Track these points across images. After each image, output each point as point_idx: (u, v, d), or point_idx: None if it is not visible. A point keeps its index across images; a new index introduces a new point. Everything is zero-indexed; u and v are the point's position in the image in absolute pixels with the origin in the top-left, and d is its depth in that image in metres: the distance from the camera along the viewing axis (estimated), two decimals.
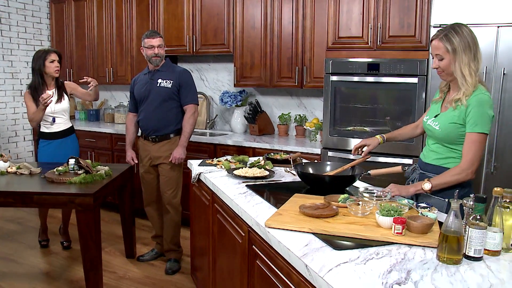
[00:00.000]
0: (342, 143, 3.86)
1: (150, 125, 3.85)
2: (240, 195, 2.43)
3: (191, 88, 3.89)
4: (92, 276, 3.18)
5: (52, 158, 4.01)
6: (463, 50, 2.17)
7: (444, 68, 2.24)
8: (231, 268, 2.47)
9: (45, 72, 3.96)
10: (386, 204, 1.90)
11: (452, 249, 1.54)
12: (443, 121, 2.29)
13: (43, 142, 4.10)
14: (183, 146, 3.83)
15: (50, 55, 3.95)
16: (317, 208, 2.01)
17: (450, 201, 1.58)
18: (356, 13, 3.76)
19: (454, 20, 3.23)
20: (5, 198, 3.16)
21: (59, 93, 4.07)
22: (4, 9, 5.84)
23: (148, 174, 3.97)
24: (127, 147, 4.10)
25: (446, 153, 2.32)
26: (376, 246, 1.69)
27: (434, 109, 2.43)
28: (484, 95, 2.18)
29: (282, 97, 4.95)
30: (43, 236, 4.45)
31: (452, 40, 2.18)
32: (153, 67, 3.85)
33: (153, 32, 3.85)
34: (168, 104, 3.82)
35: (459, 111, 2.21)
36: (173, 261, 3.94)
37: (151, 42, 3.77)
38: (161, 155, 3.85)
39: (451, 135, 2.25)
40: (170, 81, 3.80)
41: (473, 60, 2.18)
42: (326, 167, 2.74)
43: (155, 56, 3.78)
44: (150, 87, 3.83)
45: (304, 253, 1.62)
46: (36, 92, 3.94)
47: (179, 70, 3.90)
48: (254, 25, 4.54)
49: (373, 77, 3.65)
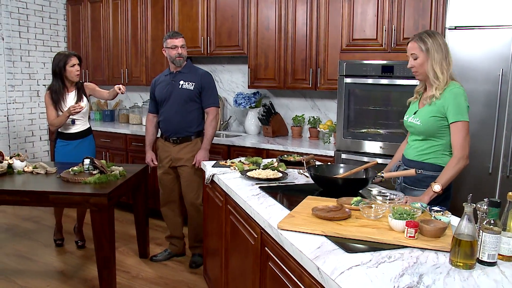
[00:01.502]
0: (355, 145, 3.84)
1: (171, 126, 3.86)
2: (253, 197, 2.43)
3: (213, 90, 3.91)
4: (105, 275, 3.22)
5: (69, 159, 4.06)
6: (435, 50, 2.40)
7: (418, 66, 2.47)
8: (243, 269, 2.48)
9: (65, 76, 4.01)
10: (399, 207, 1.89)
11: (465, 253, 1.53)
12: (423, 116, 2.48)
13: (61, 142, 4.15)
14: (206, 149, 3.85)
15: (71, 59, 3.99)
16: (330, 211, 2.01)
17: (464, 205, 1.57)
18: (371, 14, 3.75)
19: (470, 22, 3.26)
20: (21, 197, 3.21)
21: (79, 94, 4.12)
22: (23, 11, 5.93)
23: (166, 175, 3.98)
24: (147, 148, 4.12)
25: (427, 148, 2.51)
26: (388, 250, 1.69)
27: (412, 108, 2.64)
28: (459, 89, 2.39)
29: (296, 99, 4.95)
30: (58, 235, 4.50)
31: (425, 41, 2.42)
32: (174, 68, 3.86)
33: (175, 32, 3.86)
34: (189, 106, 3.83)
35: (436, 106, 2.42)
36: (198, 255, 4.00)
37: (174, 42, 3.77)
38: (182, 157, 3.86)
39: (432, 128, 2.44)
40: (193, 83, 3.81)
41: (445, 59, 2.41)
42: (339, 170, 2.73)
43: (179, 57, 3.79)
44: (171, 88, 3.84)
45: (316, 256, 1.62)
46: (56, 96, 4.00)
47: (201, 72, 3.91)
48: (268, 26, 4.55)
49: (387, 80, 3.63)
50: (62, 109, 4.01)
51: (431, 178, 2.47)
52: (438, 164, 2.49)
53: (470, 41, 3.27)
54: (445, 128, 2.44)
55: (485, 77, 3.23)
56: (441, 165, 2.49)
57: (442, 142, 2.47)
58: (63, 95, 4.02)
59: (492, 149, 3.24)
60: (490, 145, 3.24)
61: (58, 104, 3.99)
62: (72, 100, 4.08)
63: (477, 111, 3.23)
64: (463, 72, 3.21)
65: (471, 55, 3.27)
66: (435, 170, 2.49)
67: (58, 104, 4.00)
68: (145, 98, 6.15)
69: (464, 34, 3.29)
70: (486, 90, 3.24)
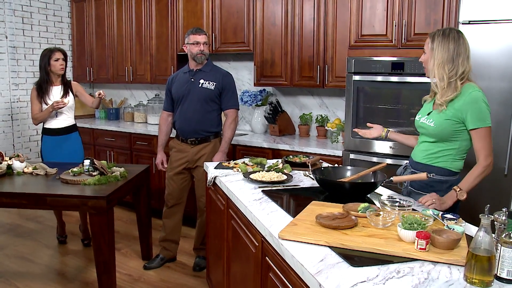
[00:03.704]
0: (364, 145, 3.71)
1: (189, 126, 3.73)
2: (255, 202, 2.32)
3: (234, 92, 3.80)
4: (105, 280, 3.13)
5: (55, 156, 4.10)
6: (440, 51, 2.27)
7: (424, 63, 2.41)
8: (244, 276, 2.36)
9: (50, 70, 4.09)
10: (409, 215, 1.76)
11: (482, 269, 1.39)
12: (438, 118, 2.33)
13: (46, 137, 4.19)
14: (224, 152, 3.73)
15: (55, 54, 4.08)
16: (335, 219, 1.89)
17: (480, 216, 1.44)
18: (380, 9, 3.60)
19: (484, 16, 3.10)
20: (19, 200, 3.14)
21: (65, 89, 4.18)
22: (27, 9, 5.85)
23: (178, 176, 3.83)
24: (159, 148, 4.01)
25: (438, 152, 2.38)
26: (397, 263, 1.56)
27: (426, 108, 2.50)
28: (478, 92, 2.25)
29: (303, 97, 4.81)
30: (60, 232, 4.48)
31: (434, 38, 2.32)
32: (195, 66, 3.73)
33: (198, 28, 3.73)
34: (209, 106, 3.72)
35: (454, 109, 2.27)
36: (202, 258, 3.90)
37: (196, 39, 3.65)
38: (200, 158, 3.73)
39: (446, 131, 2.30)
40: (213, 83, 3.69)
41: (449, 63, 2.25)
42: (346, 172, 2.60)
43: (201, 54, 3.66)
44: (190, 86, 3.71)
45: (318, 270, 1.50)
46: (41, 89, 4.09)
47: (222, 72, 3.79)
48: (275, 22, 4.42)
49: (398, 77, 3.48)
50: (47, 102, 4.07)
51: (439, 183, 2.36)
52: (448, 169, 2.37)
53: (484, 36, 3.11)
54: (459, 133, 2.30)
55: (501, 74, 3.08)
56: (451, 170, 2.36)
57: (455, 147, 2.34)
58: (48, 88, 4.10)
59: (508, 149, 3.09)
60: (506, 146, 3.09)
61: (43, 97, 4.07)
62: (58, 94, 4.13)
63: (491, 110, 3.02)
64: (477, 69, 3.04)
65: (485, 51, 3.12)
66: (444, 175, 2.38)
67: (44, 97, 4.08)
68: (150, 96, 6.05)
69: (478, 29, 3.13)
70: (502, 88, 3.08)
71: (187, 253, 4.17)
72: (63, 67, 4.12)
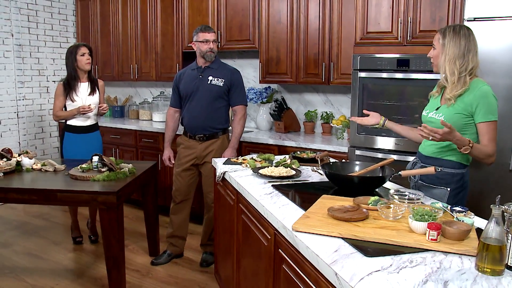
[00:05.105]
0: (370, 141, 3.74)
1: (198, 123, 3.76)
2: (266, 196, 2.35)
3: (242, 88, 3.84)
4: (114, 275, 3.16)
5: (77, 153, 4.08)
6: (452, 46, 2.33)
7: (434, 57, 2.45)
8: (255, 271, 2.40)
9: (77, 66, 4.09)
10: (419, 208, 1.80)
11: (493, 259, 1.43)
12: (448, 112, 2.37)
13: (68, 134, 4.18)
14: (234, 148, 3.77)
15: (80, 49, 4.09)
16: (347, 211, 1.92)
17: (492, 207, 1.47)
18: (385, 6, 3.63)
19: (489, 13, 3.13)
20: (29, 196, 3.17)
21: (92, 86, 4.19)
22: (32, 7, 5.88)
23: (186, 172, 3.86)
24: (166, 144, 4.05)
25: (447, 145, 2.39)
26: (409, 253, 1.60)
27: (434, 103, 2.54)
28: (487, 86, 2.31)
29: (308, 94, 4.85)
30: (76, 233, 4.46)
31: (446, 34, 2.37)
32: (203, 63, 3.76)
33: (207, 26, 3.76)
34: (217, 102, 3.75)
35: (464, 103, 2.32)
36: (209, 254, 3.94)
37: (206, 37, 3.67)
38: (208, 154, 3.76)
39: (456, 125, 2.29)
40: (222, 80, 3.73)
41: (460, 58, 2.32)
42: (354, 167, 2.64)
43: (210, 51, 3.69)
44: (199, 83, 3.74)
45: (333, 260, 1.53)
46: (69, 85, 4.08)
47: (230, 69, 3.83)
48: (280, 20, 4.45)
49: (403, 74, 3.52)
50: (73, 99, 4.07)
51: (449, 176, 2.40)
52: (458, 161, 2.41)
53: (489, 33, 3.14)
54: (468, 126, 2.35)
55: (505, 70, 3.11)
56: (461, 162, 2.41)
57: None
58: (75, 85, 4.09)
59: None
60: (510, 142, 3.12)
61: (70, 94, 4.07)
62: (85, 91, 4.14)
63: None
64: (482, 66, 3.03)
65: (490, 47, 3.15)
66: (454, 167, 2.42)
67: (70, 93, 4.07)
68: (155, 94, 6.09)
69: (483, 26, 3.16)
70: (506, 84, 3.11)
71: (194, 249, 4.21)
72: (89, 61, 4.13)
